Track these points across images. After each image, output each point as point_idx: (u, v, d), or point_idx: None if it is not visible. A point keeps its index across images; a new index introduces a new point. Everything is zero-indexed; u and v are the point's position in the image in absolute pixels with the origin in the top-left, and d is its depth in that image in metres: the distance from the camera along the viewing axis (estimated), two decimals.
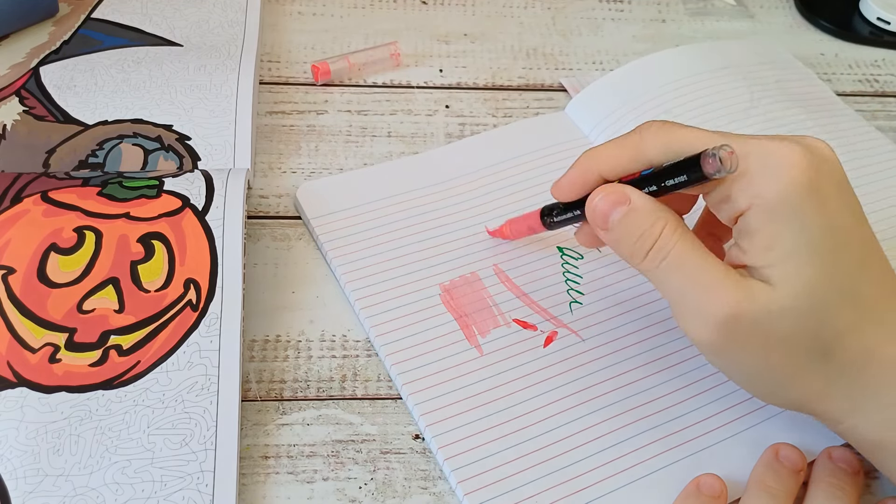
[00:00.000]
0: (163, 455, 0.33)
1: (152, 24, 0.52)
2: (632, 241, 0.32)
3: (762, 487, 0.33)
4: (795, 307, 0.30)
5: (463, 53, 0.54)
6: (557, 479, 0.34)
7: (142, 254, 0.36)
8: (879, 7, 0.59)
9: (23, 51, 0.49)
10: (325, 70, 0.50)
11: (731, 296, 0.30)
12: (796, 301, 0.30)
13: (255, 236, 0.43)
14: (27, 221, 0.37)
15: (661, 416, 0.36)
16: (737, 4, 0.61)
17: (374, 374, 0.38)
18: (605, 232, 0.33)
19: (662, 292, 0.32)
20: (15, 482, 0.31)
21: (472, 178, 0.45)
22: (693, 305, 0.31)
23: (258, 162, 0.46)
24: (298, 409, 0.36)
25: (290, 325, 0.39)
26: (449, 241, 0.42)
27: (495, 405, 0.36)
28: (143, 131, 0.45)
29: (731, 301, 0.30)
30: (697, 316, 0.31)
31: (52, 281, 0.35)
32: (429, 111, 0.50)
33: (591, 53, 0.56)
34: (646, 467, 0.35)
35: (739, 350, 0.31)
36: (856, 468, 0.34)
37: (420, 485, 0.34)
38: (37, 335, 0.34)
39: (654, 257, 0.32)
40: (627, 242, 0.32)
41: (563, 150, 0.47)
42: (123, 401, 0.34)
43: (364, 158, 0.47)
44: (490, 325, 0.39)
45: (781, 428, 0.36)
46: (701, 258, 0.31)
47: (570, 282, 0.41)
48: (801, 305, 0.30)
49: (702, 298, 0.31)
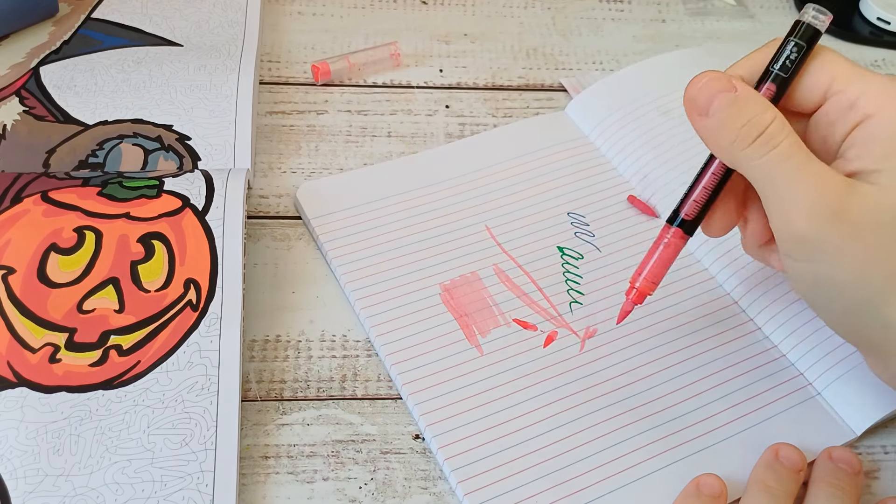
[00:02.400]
0: (163, 455, 0.33)
1: (152, 24, 0.52)
2: (737, 126, 0.32)
3: (762, 488, 0.33)
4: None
5: (463, 53, 0.54)
6: (557, 479, 0.34)
7: (142, 254, 0.36)
8: (879, 7, 0.59)
9: (23, 51, 0.49)
10: (325, 70, 0.50)
11: (842, 189, 0.30)
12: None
13: (255, 236, 0.43)
14: (27, 221, 0.37)
15: (661, 416, 0.36)
16: (737, 4, 0.61)
17: (374, 374, 0.38)
18: (704, 118, 0.32)
19: (761, 184, 0.32)
20: (15, 482, 0.31)
21: (472, 178, 0.45)
22: (799, 197, 0.31)
23: (258, 162, 0.46)
24: (298, 409, 0.36)
25: (290, 325, 0.39)
26: (449, 240, 0.42)
27: (495, 405, 0.36)
28: (143, 131, 0.45)
29: (840, 192, 0.30)
30: (802, 208, 0.31)
31: (53, 281, 0.35)
32: (429, 111, 0.50)
33: (591, 53, 0.56)
34: (645, 467, 0.35)
35: (841, 247, 0.31)
36: (856, 468, 0.34)
37: (420, 485, 0.34)
38: (37, 335, 0.34)
39: (763, 146, 0.31)
40: (731, 127, 0.32)
41: (564, 150, 0.47)
42: (123, 401, 0.34)
43: (364, 158, 0.47)
44: (490, 325, 0.39)
45: (781, 428, 0.36)
46: (809, 155, 0.31)
47: (570, 282, 0.41)
48: None
49: (810, 190, 0.30)
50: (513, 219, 0.43)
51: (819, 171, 0.31)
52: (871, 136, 0.31)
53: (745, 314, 0.40)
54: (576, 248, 0.43)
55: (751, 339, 0.39)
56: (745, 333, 0.40)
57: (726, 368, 0.38)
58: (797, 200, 0.31)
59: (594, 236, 0.43)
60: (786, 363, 0.39)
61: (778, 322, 0.39)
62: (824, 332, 0.38)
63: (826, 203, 0.30)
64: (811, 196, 0.30)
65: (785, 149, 0.31)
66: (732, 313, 0.40)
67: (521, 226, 0.43)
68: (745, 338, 0.40)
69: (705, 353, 0.39)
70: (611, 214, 0.44)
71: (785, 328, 0.39)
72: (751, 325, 0.40)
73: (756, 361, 0.39)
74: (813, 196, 0.30)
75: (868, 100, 0.31)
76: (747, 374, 0.38)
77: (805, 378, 0.38)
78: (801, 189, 0.31)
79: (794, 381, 0.38)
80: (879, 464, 0.37)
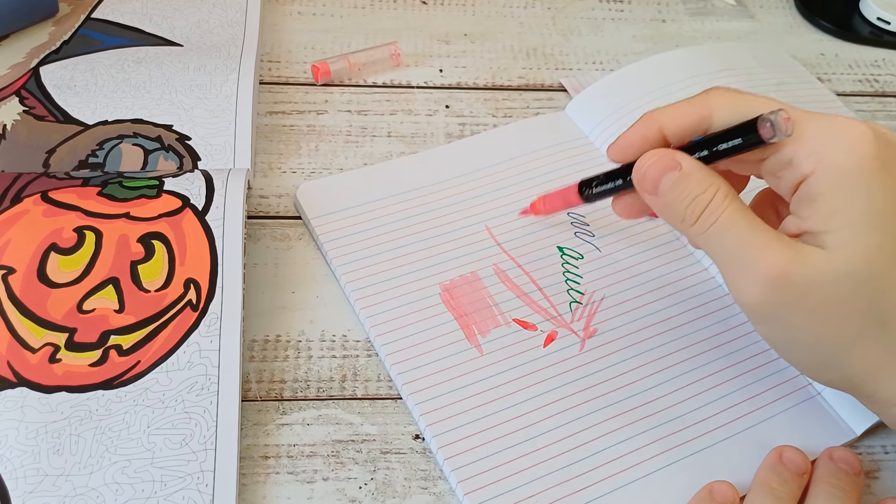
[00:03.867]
0: (163, 455, 0.33)
1: (152, 24, 0.52)
2: (683, 205, 0.32)
3: (766, 489, 0.33)
4: (853, 272, 0.30)
5: (463, 53, 0.54)
6: (557, 479, 0.34)
7: (142, 254, 0.36)
8: (879, 7, 0.59)
9: (23, 51, 0.49)
10: (325, 70, 0.50)
11: (782, 256, 0.30)
12: (853, 266, 0.29)
13: (255, 236, 0.43)
14: (27, 221, 0.37)
15: (662, 416, 0.36)
16: (737, 4, 0.61)
17: (374, 374, 0.38)
18: (655, 197, 0.33)
19: (712, 256, 0.32)
20: (15, 482, 0.31)
21: (472, 178, 0.45)
22: (743, 266, 0.31)
23: (258, 162, 0.46)
24: (298, 409, 0.36)
25: (290, 325, 0.39)
26: (449, 240, 0.42)
27: (495, 405, 0.36)
28: (143, 131, 0.45)
29: (782, 260, 0.30)
30: (747, 277, 0.31)
31: (52, 281, 0.35)
32: (429, 111, 0.50)
33: (591, 53, 0.56)
34: (645, 467, 0.35)
35: (791, 314, 0.31)
36: (856, 469, 0.34)
37: (420, 485, 0.34)
38: (37, 335, 0.34)
39: (705, 221, 0.32)
40: (678, 207, 0.32)
41: (563, 150, 0.47)
42: (123, 401, 0.34)
43: (364, 158, 0.47)
44: (490, 325, 0.39)
45: (781, 428, 0.36)
46: (752, 222, 0.31)
47: (570, 282, 0.41)
48: (858, 271, 0.30)
49: (752, 258, 0.30)
50: (513, 219, 0.43)
51: (762, 238, 0.31)
52: (814, 194, 0.30)
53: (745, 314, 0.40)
54: (576, 248, 0.43)
55: (751, 340, 0.39)
56: (746, 333, 0.40)
57: (726, 368, 0.38)
58: (743, 269, 0.31)
59: (594, 236, 0.43)
60: (786, 363, 0.39)
61: None
62: None
63: (770, 272, 0.30)
64: (755, 265, 0.30)
65: (726, 218, 0.31)
66: (732, 313, 0.40)
67: (521, 226, 0.43)
68: (745, 338, 0.39)
69: (705, 353, 0.39)
70: (611, 214, 0.44)
71: None
72: (751, 325, 0.40)
73: (756, 361, 0.39)
74: (757, 265, 0.30)
75: (803, 156, 0.31)
76: (747, 374, 0.38)
77: (805, 378, 0.38)
78: (744, 258, 0.31)
79: (794, 381, 0.38)
80: (879, 464, 0.37)
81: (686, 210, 0.32)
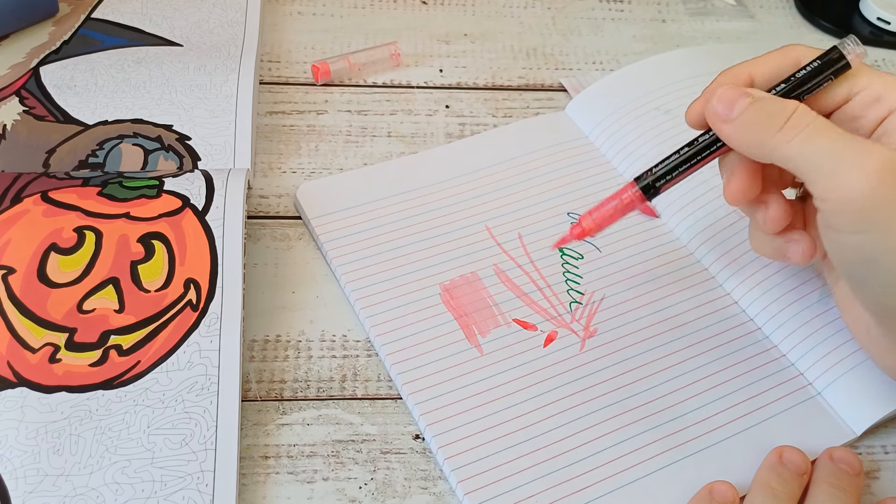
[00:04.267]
0: (163, 455, 0.33)
1: (152, 24, 0.52)
2: (762, 120, 0.32)
3: (766, 489, 0.33)
4: None
5: (463, 53, 0.54)
6: (557, 478, 0.34)
7: (142, 254, 0.36)
8: (879, 7, 0.59)
9: (23, 51, 0.49)
10: (325, 70, 0.50)
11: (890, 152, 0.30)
12: None
13: (255, 236, 0.43)
14: (27, 221, 0.37)
15: (661, 416, 0.36)
16: (737, 4, 0.61)
17: (374, 374, 0.38)
18: (729, 123, 0.33)
19: (800, 163, 0.31)
20: (15, 482, 0.31)
21: (472, 178, 0.45)
22: (848, 162, 0.30)
23: (258, 162, 0.46)
24: (298, 409, 0.36)
25: (290, 325, 0.39)
26: (449, 240, 0.42)
27: (495, 405, 0.36)
28: (143, 131, 0.45)
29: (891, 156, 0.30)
30: (853, 170, 0.30)
31: (52, 281, 0.35)
32: (429, 111, 0.50)
33: (591, 53, 0.56)
34: (645, 467, 0.35)
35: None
36: (857, 469, 0.34)
37: (420, 485, 0.34)
38: (37, 335, 0.34)
39: (793, 128, 0.31)
40: (756, 123, 0.32)
41: (563, 150, 0.47)
42: (123, 401, 0.34)
43: (364, 158, 0.47)
44: (490, 325, 0.39)
45: (781, 428, 0.36)
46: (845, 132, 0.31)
47: (570, 282, 0.41)
48: None
49: (860, 151, 0.30)
50: (513, 219, 0.43)
51: (860, 139, 0.31)
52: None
53: (745, 314, 0.40)
54: (576, 248, 0.43)
55: (751, 339, 0.39)
56: (746, 333, 0.40)
57: (726, 368, 0.38)
58: (849, 164, 0.30)
59: (594, 236, 0.43)
60: (786, 363, 0.39)
61: (778, 322, 0.39)
62: (824, 332, 0.38)
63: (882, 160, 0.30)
64: (865, 157, 0.30)
65: (818, 125, 0.31)
66: (733, 313, 0.40)
67: (522, 226, 0.43)
68: (745, 338, 0.39)
69: (705, 353, 0.39)
70: None
71: (785, 328, 0.39)
72: (751, 324, 0.40)
73: (756, 361, 0.39)
74: (869, 157, 0.30)
75: (893, 93, 0.32)
76: (747, 374, 0.38)
77: (805, 378, 0.38)
78: (849, 154, 0.30)
79: (794, 381, 0.38)
80: (879, 464, 0.37)
81: (767, 122, 0.32)
